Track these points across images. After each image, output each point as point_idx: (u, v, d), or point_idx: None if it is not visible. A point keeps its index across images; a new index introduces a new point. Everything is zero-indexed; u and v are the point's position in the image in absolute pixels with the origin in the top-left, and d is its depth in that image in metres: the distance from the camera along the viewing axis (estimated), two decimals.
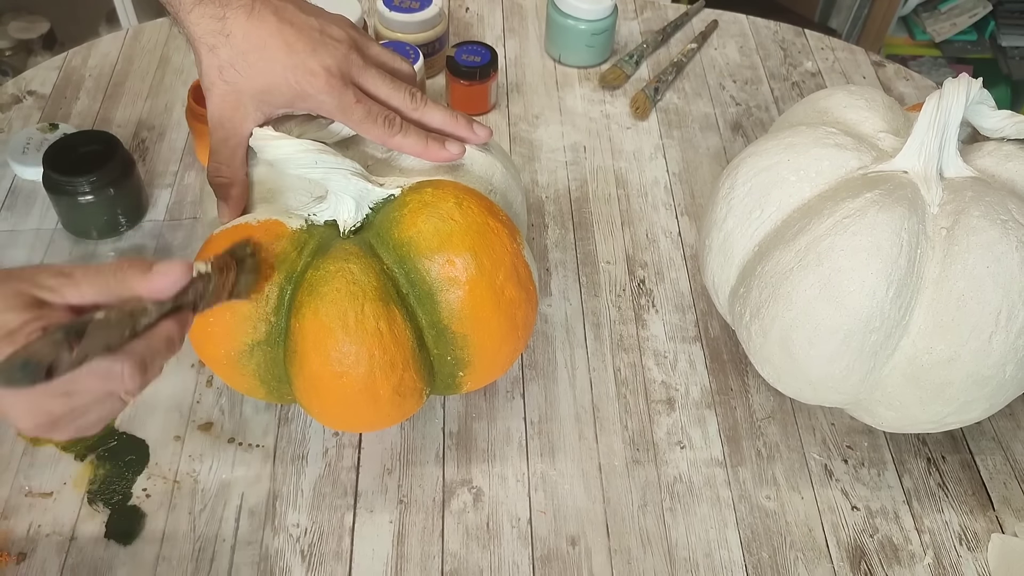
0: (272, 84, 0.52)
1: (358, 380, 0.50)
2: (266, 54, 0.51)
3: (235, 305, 0.51)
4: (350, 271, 0.50)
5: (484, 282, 0.52)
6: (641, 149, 0.85)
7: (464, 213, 0.52)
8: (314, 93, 0.52)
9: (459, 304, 0.52)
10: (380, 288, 0.50)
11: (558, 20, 0.90)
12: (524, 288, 0.54)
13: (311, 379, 0.51)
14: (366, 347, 0.50)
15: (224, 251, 0.48)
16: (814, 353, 0.55)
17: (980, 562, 0.60)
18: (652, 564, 0.58)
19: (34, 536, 0.57)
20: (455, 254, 0.51)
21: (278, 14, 0.52)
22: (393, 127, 0.55)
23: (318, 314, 0.50)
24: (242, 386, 0.55)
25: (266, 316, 0.51)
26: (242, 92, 0.52)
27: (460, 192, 0.53)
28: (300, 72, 0.52)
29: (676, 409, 0.66)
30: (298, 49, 0.51)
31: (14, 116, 0.82)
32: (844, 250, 0.53)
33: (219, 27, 0.50)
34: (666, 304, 0.73)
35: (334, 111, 0.54)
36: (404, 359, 0.51)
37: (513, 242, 0.54)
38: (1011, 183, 0.57)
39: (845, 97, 0.63)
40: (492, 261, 0.52)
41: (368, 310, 0.50)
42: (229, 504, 0.59)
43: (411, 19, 0.85)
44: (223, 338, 0.52)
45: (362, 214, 0.54)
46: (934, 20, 1.78)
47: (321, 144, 0.53)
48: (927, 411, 0.56)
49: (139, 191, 0.74)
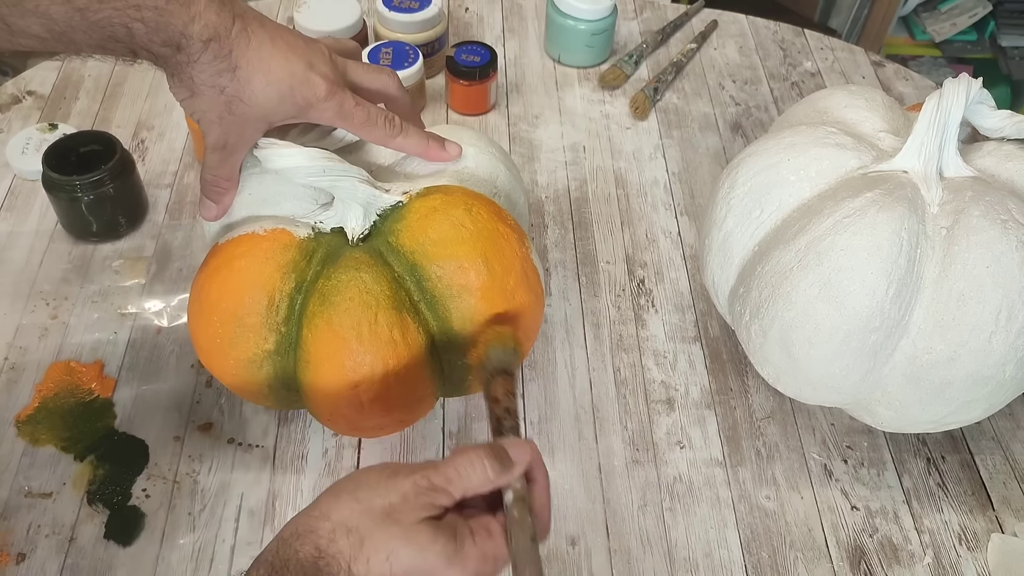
0: (277, 105, 0.51)
1: (372, 388, 0.50)
2: (271, 76, 0.50)
3: (245, 315, 0.51)
4: (362, 280, 0.50)
5: (496, 288, 0.52)
6: (641, 149, 0.85)
7: (474, 219, 0.52)
8: (316, 103, 0.52)
9: (471, 311, 0.51)
10: (392, 296, 0.50)
11: (558, 20, 0.90)
12: (534, 292, 0.54)
13: (325, 389, 0.51)
14: (381, 356, 0.50)
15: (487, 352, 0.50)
16: (814, 353, 0.55)
17: (980, 562, 0.60)
18: (652, 564, 0.58)
19: (34, 536, 0.57)
20: (467, 260, 0.51)
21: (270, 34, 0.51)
22: (394, 128, 0.55)
23: (331, 324, 0.50)
24: (250, 395, 0.55)
25: (276, 326, 0.51)
26: (247, 119, 0.51)
27: (469, 198, 0.53)
28: (303, 86, 0.51)
29: (676, 409, 0.66)
30: (296, 64, 0.51)
31: (14, 116, 0.82)
32: (844, 250, 0.53)
33: (226, 65, 0.49)
34: (666, 304, 0.73)
35: (335, 118, 0.53)
36: (418, 366, 0.51)
37: (522, 246, 0.54)
38: (1011, 183, 0.57)
39: (845, 97, 0.63)
40: (503, 267, 0.52)
41: (382, 319, 0.50)
42: (229, 504, 0.59)
43: (411, 19, 0.85)
44: (231, 348, 0.52)
45: (370, 221, 0.54)
46: (934, 20, 1.78)
47: (328, 152, 0.52)
48: (927, 411, 0.56)
49: (139, 191, 0.74)
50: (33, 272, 0.70)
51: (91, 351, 0.66)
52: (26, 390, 0.63)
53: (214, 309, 0.52)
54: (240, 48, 0.49)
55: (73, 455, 0.61)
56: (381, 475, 0.41)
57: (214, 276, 0.52)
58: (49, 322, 0.67)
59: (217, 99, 0.49)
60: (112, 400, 0.63)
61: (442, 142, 0.56)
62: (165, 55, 0.47)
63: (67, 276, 0.70)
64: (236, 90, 0.49)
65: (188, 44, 0.47)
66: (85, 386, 0.64)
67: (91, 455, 0.61)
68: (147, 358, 0.66)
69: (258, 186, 0.55)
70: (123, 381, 0.65)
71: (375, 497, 0.40)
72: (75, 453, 0.61)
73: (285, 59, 0.50)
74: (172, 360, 0.66)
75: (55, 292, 0.69)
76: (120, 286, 0.70)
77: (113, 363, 0.65)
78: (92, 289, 0.70)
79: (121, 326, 0.68)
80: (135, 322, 0.68)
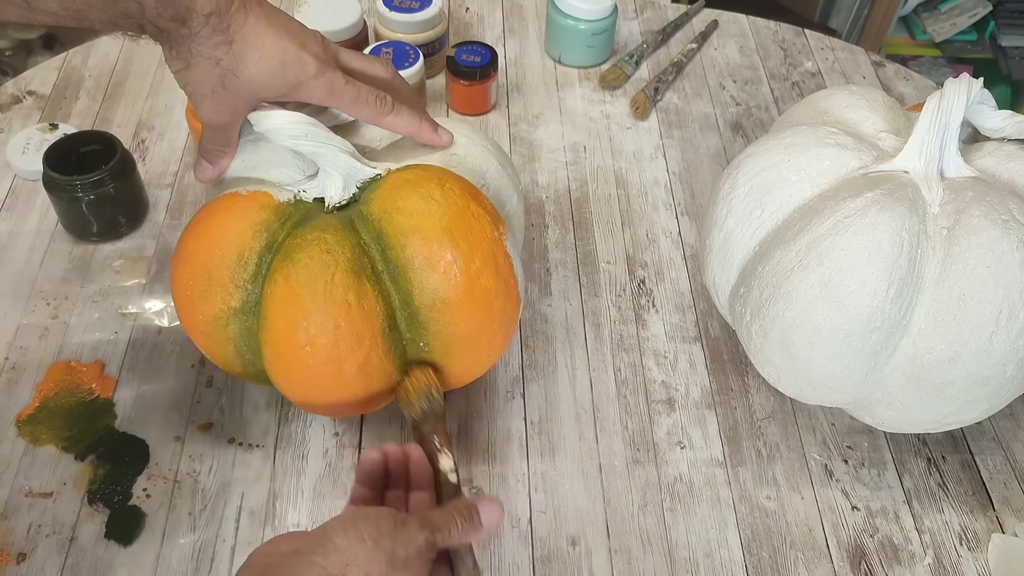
0: (269, 79, 0.53)
1: (322, 350, 0.50)
2: (264, 51, 0.52)
3: (215, 268, 0.52)
4: (325, 240, 0.50)
5: (460, 265, 0.51)
6: (641, 149, 0.85)
7: (445, 194, 0.52)
8: (305, 80, 0.53)
9: (431, 284, 0.51)
10: (354, 260, 0.51)
11: (558, 20, 0.90)
12: (503, 279, 0.53)
13: (277, 346, 0.52)
14: (332, 317, 0.50)
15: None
16: (814, 353, 0.55)
17: (980, 562, 0.60)
18: (652, 564, 0.58)
19: (34, 536, 0.57)
20: (431, 233, 0.51)
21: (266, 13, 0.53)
22: (385, 106, 0.56)
23: (288, 279, 0.50)
24: (219, 357, 0.55)
25: (243, 283, 0.52)
26: (239, 95, 0.53)
27: (444, 174, 0.53)
28: (294, 63, 0.52)
29: (676, 409, 0.66)
30: (289, 43, 0.52)
31: (14, 116, 0.82)
32: (845, 250, 0.53)
33: (223, 38, 0.50)
34: (666, 304, 0.73)
35: (326, 96, 0.54)
36: (372, 336, 0.51)
37: (495, 230, 0.53)
38: (1012, 183, 0.57)
39: (846, 97, 0.63)
40: (469, 245, 0.52)
41: (338, 280, 0.50)
42: (229, 504, 0.59)
43: (411, 19, 0.85)
44: (200, 302, 0.52)
45: (349, 192, 0.55)
46: (934, 20, 1.78)
47: (314, 120, 0.53)
48: (927, 411, 0.56)
49: (139, 191, 0.74)
50: (34, 272, 0.70)
51: (92, 351, 0.66)
52: (27, 390, 0.63)
53: (188, 260, 0.53)
54: (237, 23, 0.51)
55: (74, 455, 0.61)
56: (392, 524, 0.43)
57: (192, 229, 0.54)
58: (50, 322, 0.67)
59: (211, 72, 0.51)
60: (112, 400, 0.63)
61: (435, 125, 0.57)
62: (170, 29, 0.49)
63: (68, 276, 0.70)
64: (230, 63, 0.51)
65: (192, 18, 0.49)
66: (86, 386, 0.64)
67: (91, 455, 0.61)
68: (148, 358, 0.66)
69: (251, 152, 0.57)
70: (124, 381, 0.65)
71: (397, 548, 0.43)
72: (76, 453, 0.61)
73: (278, 37, 0.52)
74: (173, 360, 0.66)
75: (56, 292, 0.69)
76: (121, 286, 0.70)
77: (114, 363, 0.65)
78: (92, 289, 0.70)
79: (122, 326, 0.68)
80: (136, 322, 0.68)
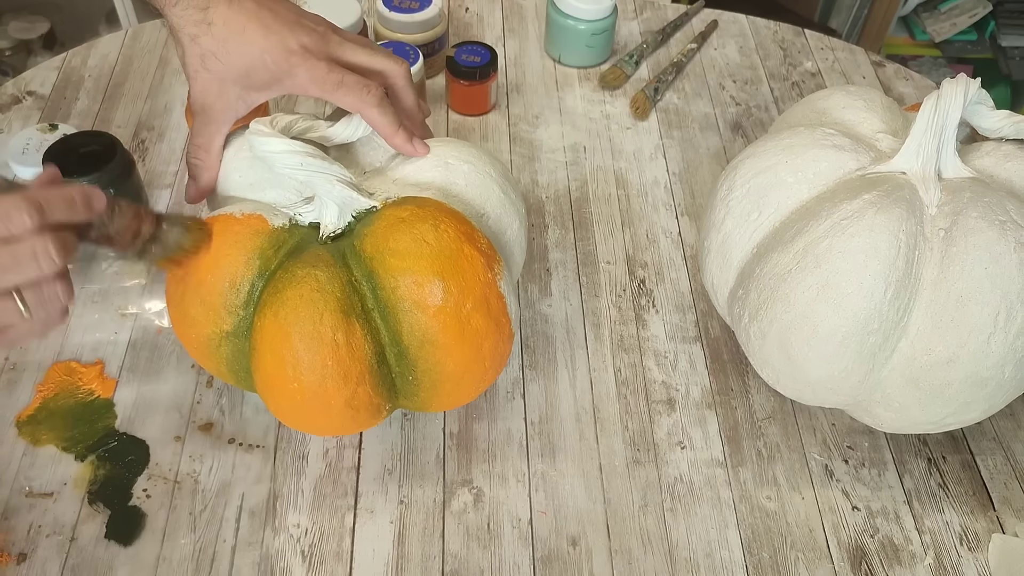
0: (251, 66, 0.52)
1: (309, 388, 0.50)
2: (245, 38, 0.52)
3: (207, 293, 0.51)
4: (316, 278, 0.50)
5: (450, 309, 0.51)
6: (641, 149, 0.85)
7: (439, 236, 0.51)
8: (290, 69, 0.52)
9: (420, 328, 0.51)
10: (343, 299, 0.50)
11: (558, 20, 0.90)
12: (495, 320, 0.53)
13: (265, 378, 0.52)
14: (319, 356, 0.50)
15: (156, 210, 0.50)
16: (813, 355, 0.55)
17: (980, 562, 0.60)
18: (653, 564, 0.58)
19: (34, 536, 0.57)
20: (422, 276, 0.50)
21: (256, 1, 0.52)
22: (370, 95, 0.54)
23: (277, 316, 0.50)
24: (214, 371, 0.56)
25: (235, 309, 0.52)
26: (224, 79, 0.53)
27: (440, 214, 0.52)
28: (278, 51, 0.52)
29: (676, 409, 0.66)
30: (275, 30, 0.52)
31: (14, 116, 0.83)
32: (842, 252, 0.53)
33: (201, 17, 0.51)
34: (666, 304, 0.73)
35: (309, 85, 0.53)
36: (359, 373, 0.51)
37: (488, 272, 0.53)
38: (1009, 183, 0.57)
39: (843, 98, 0.63)
40: (460, 289, 0.51)
41: (327, 320, 0.49)
42: (230, 504, 0.59)
43: (411, 19, 0.85)
44: (193, 324, 0.53)
45: (344, 221, 0.54)
46: (934, 20, 1.78)
47: (312, 148, 0.53)
48: (926, 412, 0.56)
49: (139, 191, 0.74)
50: None
51: (92, 351, 0.66)
52: (27, 390, 0.64)
53: (180, 283, 0.53)
54: (218, 7, 0.51)
55: (74, 455, 0.61)
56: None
57: None
58: None
59: (192, 49, 0.52)
60: (113, 400, 0.64)
61: (410, 134, 0.56)
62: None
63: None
64: (210, 45, 0.52)
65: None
66: (86, 386, 0.64)
67: (92, 455, 0.61)
68: (148, 358, 0.66)
69: (248, 170, 0.56)
70: (124, 381, 0.65)
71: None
72: (76, 453, 0.61)
73: (263, 24, 0.52)
74: (172, 360, 0.66)
75: None
76: (121, 287, 0.70)
77: (114, 363, 0.66)
78: (93, 289, 0.70)
79: (122, 326, 0.68)
80: (136, 322, 0.68)
